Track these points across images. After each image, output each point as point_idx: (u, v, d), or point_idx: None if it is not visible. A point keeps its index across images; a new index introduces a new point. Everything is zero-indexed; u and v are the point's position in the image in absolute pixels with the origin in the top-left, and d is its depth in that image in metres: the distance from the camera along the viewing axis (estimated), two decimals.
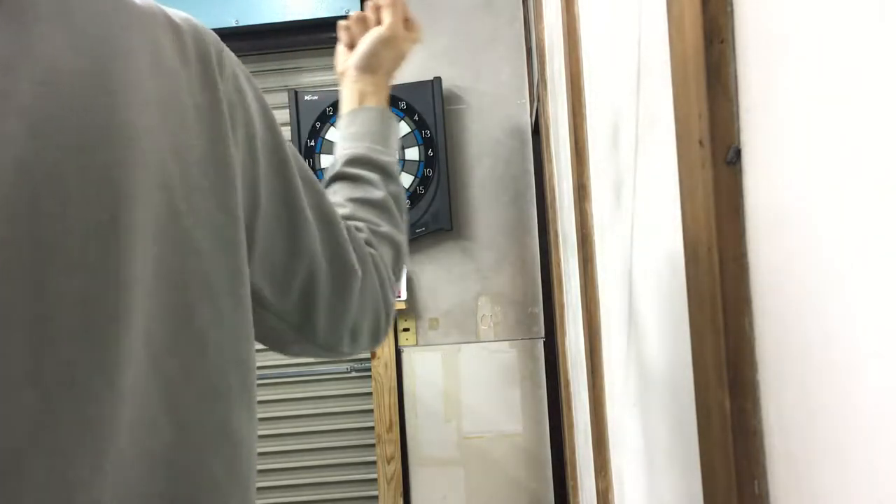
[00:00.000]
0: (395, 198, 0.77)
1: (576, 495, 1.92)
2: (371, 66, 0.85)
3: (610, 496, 1.15)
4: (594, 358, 1.17)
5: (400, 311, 2.74)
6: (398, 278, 0.74)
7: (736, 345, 0.46)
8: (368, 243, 0.70)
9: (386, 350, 2.74)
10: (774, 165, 0.41)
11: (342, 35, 0.88)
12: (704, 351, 0.50)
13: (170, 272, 0.47)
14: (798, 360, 0.40)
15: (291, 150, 0.61)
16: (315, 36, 2.79)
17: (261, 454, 3.10)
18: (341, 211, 0.70)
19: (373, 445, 2.78)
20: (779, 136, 0.41)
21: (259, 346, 0.58)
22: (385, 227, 0.74)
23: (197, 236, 0.49)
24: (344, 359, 2.83)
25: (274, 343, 0.65)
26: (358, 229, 0.70)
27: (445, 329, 2.77)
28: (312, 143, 2.71)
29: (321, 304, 0.63)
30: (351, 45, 0.88)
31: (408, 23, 0.89)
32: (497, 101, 2.77)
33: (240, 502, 0.51)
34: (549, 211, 2.16)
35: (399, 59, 0.89)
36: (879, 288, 0.31)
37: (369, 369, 2.78)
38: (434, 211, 2.70)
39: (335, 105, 2.71)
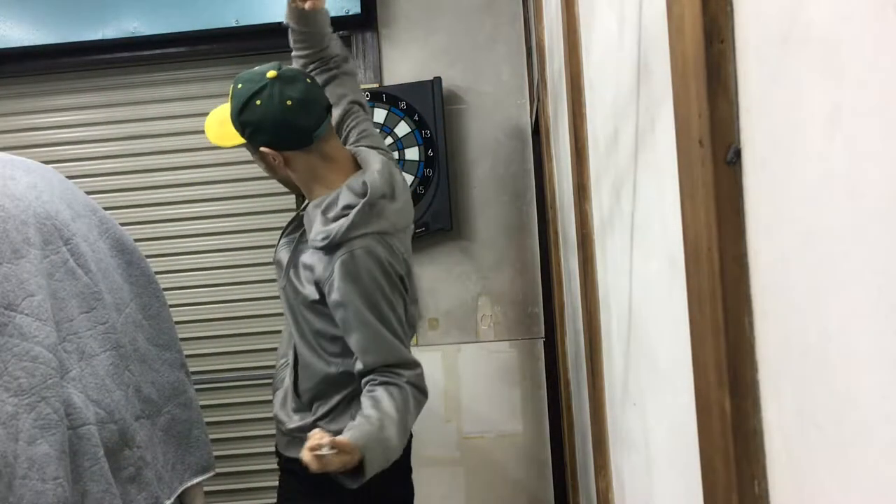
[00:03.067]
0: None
1: (576, 495, 1.92)
2: None
3: (610, 496, 1.15)
4: (594, 358, 1.17)
5: None
6: None
7: (736, 345, 0.46)
8: None
9: None
10: (774, 165, 0.41)
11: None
12: (704, 351, 0.50)
13: None
14: (798, 360, 0.40)
15: None
16: None
17: (261, 454, 3.08)
18: None
19: None
20: (779, 136, 0.41)
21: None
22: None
23: None
24: None
25: None
26: None
27: (445, 329, 2.77)
28: None
29: None
30: None
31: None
32: (497, 101, 2.77)
33: None
34: (549, 211, 2.16)
35: None
36: (879, 288, 0.31)
37: None
38: (434, 211, 2.70)
39: None
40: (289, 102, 1.35)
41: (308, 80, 1.40)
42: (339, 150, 1.47)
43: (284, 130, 1.37)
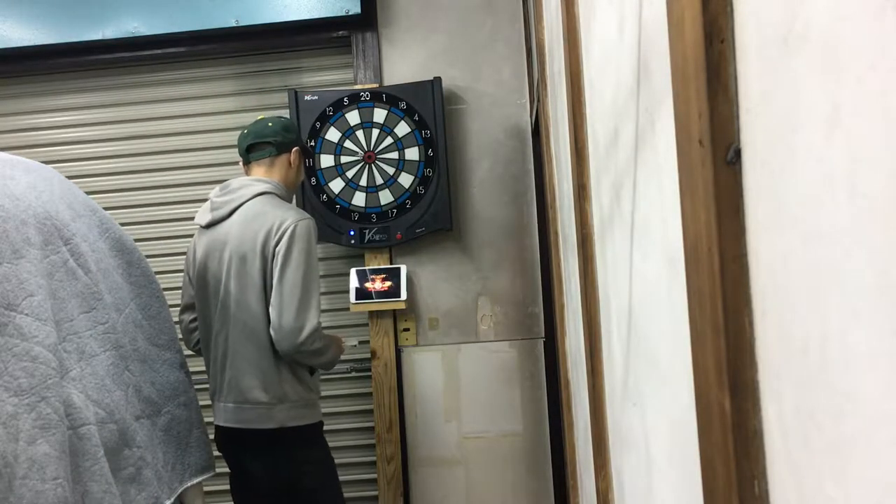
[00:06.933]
0: None
1: (576, 495, 1.92)
2: None
3: (610, 496, 1.15)
4: (594, 358, 1.17)
5: (400, 311, 2.74)
6: None
7: (736, 345, 0.46)
8: None
9: (386, 350, 2.74)
10: (774, 165, 0.41)
11: None
12: (704, 351, 0.50)
13: None
14: (798, 360, 0.40)
15: None
16: (315, 36, 2.79)
17: None
18: None
19: (373, 445, 2.78)
20: (779, 136, 0.41)
21: None
22: None
23: None
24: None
25: None
26: None
27: (445, 329, 2.77)
28: (312, 144, 2.71)
29: None
30: None
31: None
32: (497, 101, 2.77)
33: None
34: (549, 211, 2.16)
35: None
36: (879, 288, 0.31)
37: (369, 369, 2.78)
38: (434, 211, 2.70)
39: (335, 105, 2.71)
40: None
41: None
42: None
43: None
